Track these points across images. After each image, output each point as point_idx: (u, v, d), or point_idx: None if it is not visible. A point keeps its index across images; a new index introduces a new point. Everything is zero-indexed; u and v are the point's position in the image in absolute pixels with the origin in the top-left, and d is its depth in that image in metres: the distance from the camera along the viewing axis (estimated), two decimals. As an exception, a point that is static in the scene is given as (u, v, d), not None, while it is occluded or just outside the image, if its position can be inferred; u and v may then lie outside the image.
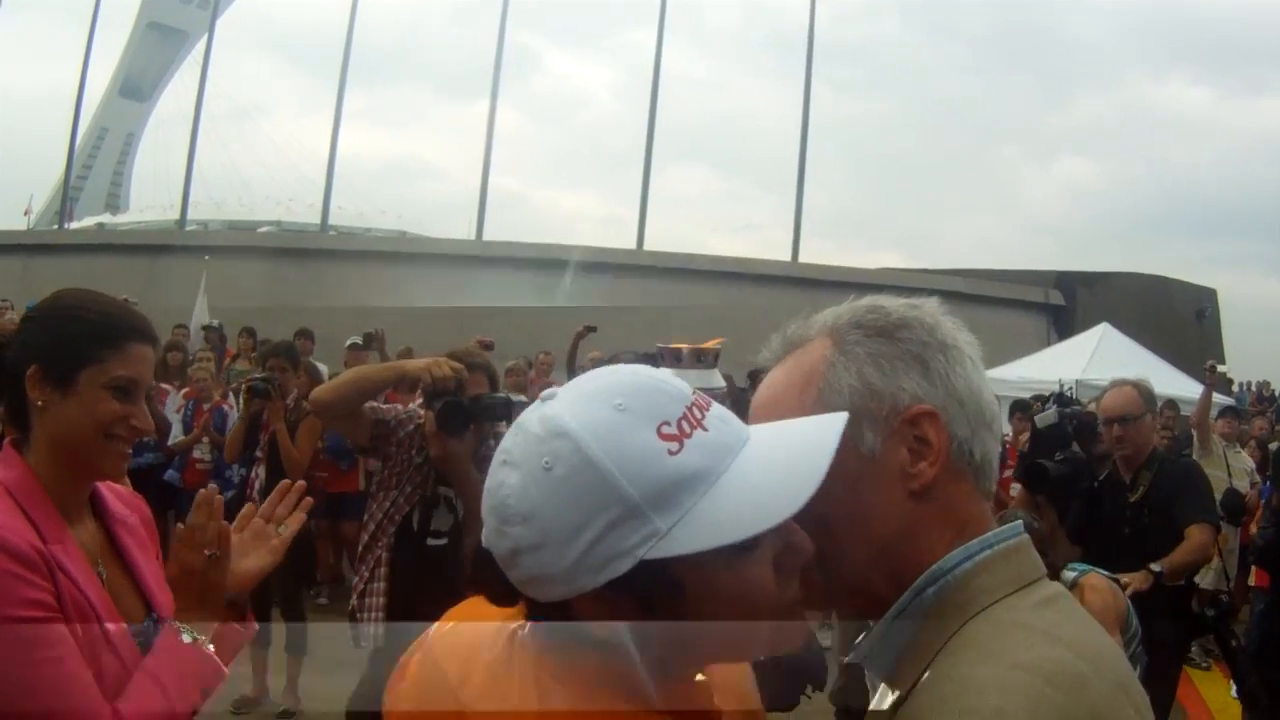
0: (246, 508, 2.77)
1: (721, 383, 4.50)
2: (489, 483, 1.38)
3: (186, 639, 2.41)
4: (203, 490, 2.59)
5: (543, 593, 1.36)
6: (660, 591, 1.35)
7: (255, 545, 2.68)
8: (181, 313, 18.03)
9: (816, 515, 1.39)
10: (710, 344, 4.99)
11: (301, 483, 2.83)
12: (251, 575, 2.64)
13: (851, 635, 5.39)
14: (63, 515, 2.44)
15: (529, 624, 1.45)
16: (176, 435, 10.89)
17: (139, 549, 2.63)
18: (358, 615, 4.89)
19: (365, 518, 4.98)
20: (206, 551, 2.45)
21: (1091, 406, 7.38)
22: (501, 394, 4.97)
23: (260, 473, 7.68)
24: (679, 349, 3.66)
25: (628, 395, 1.38)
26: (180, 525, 2.53)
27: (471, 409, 4.59)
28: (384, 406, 5.02)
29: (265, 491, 6.91)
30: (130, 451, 2.60)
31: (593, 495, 1.32)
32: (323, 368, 11.34)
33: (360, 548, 4.96)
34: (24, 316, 2.79)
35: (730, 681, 1.73)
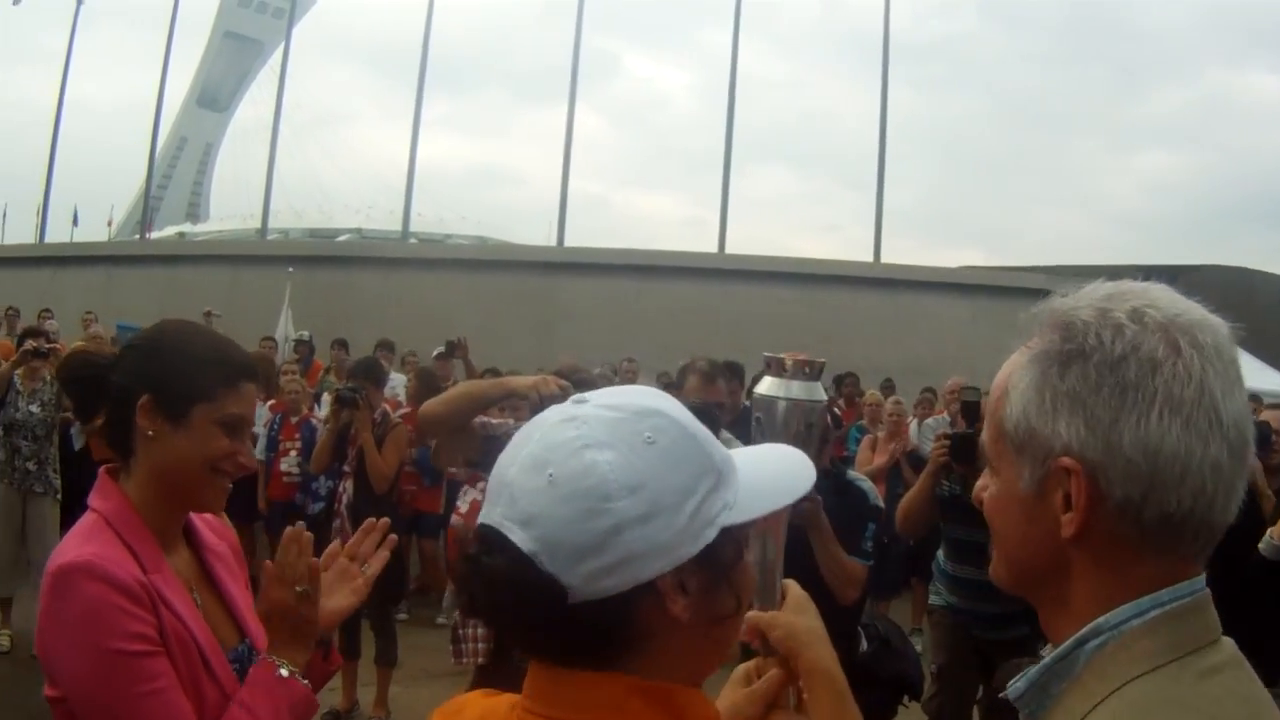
0: (333, 545, 2.75)
1: (823, 396, 4.39)
2: (569, 469, 1.38)
3: (283, 672, 2.42)
4: (290, 528, 2.56)
5: (634, 573, 1.37)
6: (728, 560, 1.45)
7: (340, 585, 2.68)
8: (264, 323, 18.02)
9: (993, 530, 1.50)
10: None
11: (386, 520, 2.81)
12: (335, 615, 2.63)
13: (943, 644, 5.15)
14: (160, 544, 2.47)
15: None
16: (261, 449, 10.79)
17: (230, 576, 2.69)
18: (460, 631, 4.82)
19: (471, 535, 4.88)
20: (298, 588, 2.46)
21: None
22: None
23: (348, 487, 7.61)
24: (783, 359, 3.49)
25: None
26: (269, 563, 2.53)
27: None
28: (494, 421, 4.91)
29: (353, 506, 6.80)
30: (230, 486, 2.62)
31: (695, 462, 1.44)
32: (398, 377, 11.24)
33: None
34: (130, 342, 2.73)
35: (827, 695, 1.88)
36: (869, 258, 29.60)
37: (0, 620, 9.43)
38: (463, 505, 6.53)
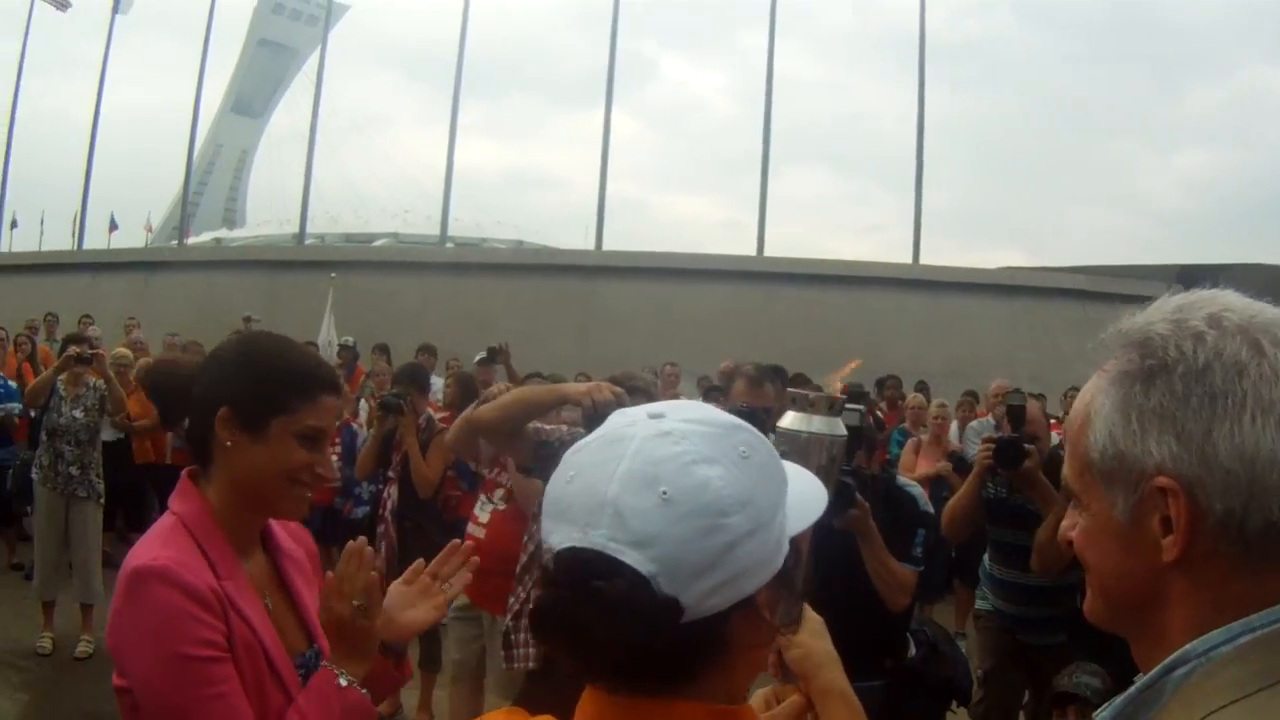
0: (417, 562, 2.78)
1: (843, 430, 4.38)
2: (683, 486, 1.36)
3: (341, 682, 2.46)
4: (352, 543, 2.59)
5: (739, 589, 1.37)
6: (791, 573, 1.47)
7: (421, 600, 2.72)
8: (304, 327, 18.01)
9: (1088, 566, 1.44)
10: (840, 385, 4.97)
11: (470, 544, 2.86)
12: (414, 628, 2.70)
13: (989, 648, 5.08)
14: (236, 549, 2.54)
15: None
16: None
17: (304, 582, 2.75)
18: (512, 635, 4.80)
19: (525, 538, 4.93)
20: (355, 602, 2.49)
21: None
22: None
23: (392, 492, 7.57)
24: (808, 394, 3.44)
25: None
26: (329, 574, 2.57)
27: None
28: (547, 427, 4.88)
29: (397, 511, 6.76)
30: (309, 495, 2.65)
31: (779, 477, 1.48)
32: (438, 381, 11.20)
33: (518, 568, 4.86)
34: (213, 353, 2.75)
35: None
36: (908, 259, 29.51)
37: (43, 623, 9.44)
38: (482, 515, 6.44)
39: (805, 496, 1.57)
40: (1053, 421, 7.91)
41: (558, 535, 1.40)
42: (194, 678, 2.28)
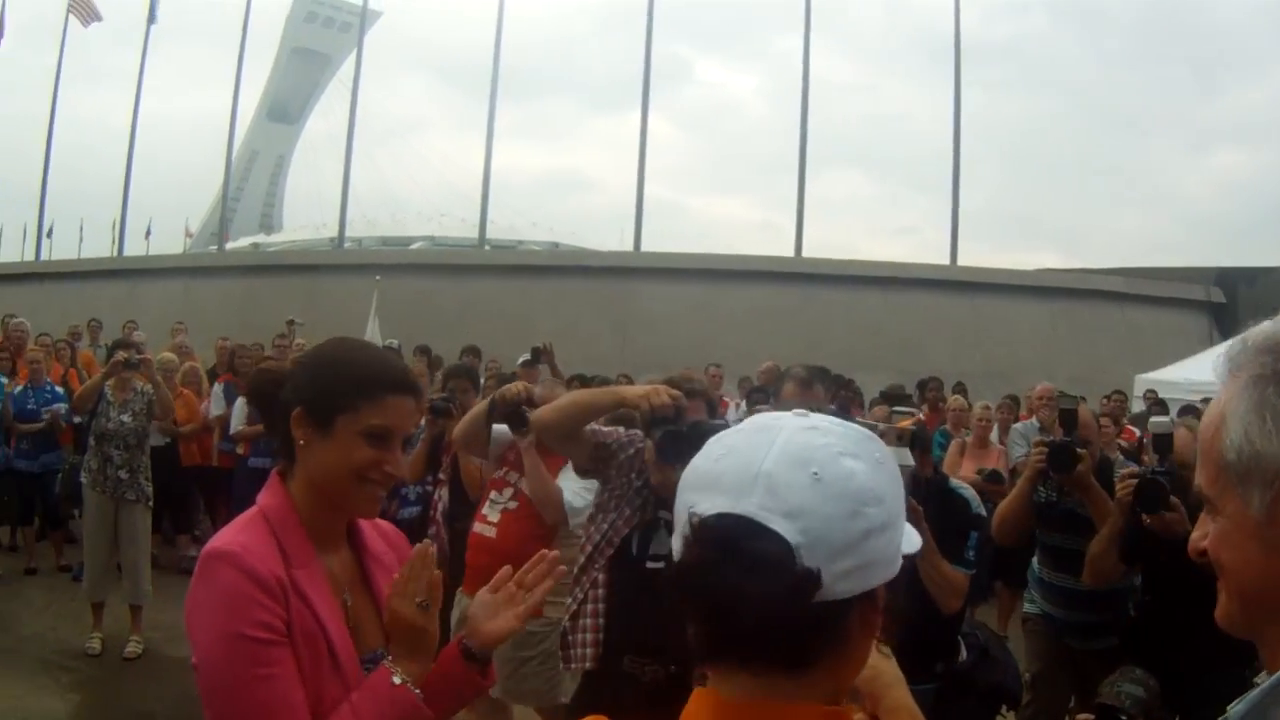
0: (504, 569, 2.81)
1: (911, 460, 4.39)
2: (833, 472, 1.45)
3: (395, 680, 2.51)
4: (419, 545, 2.72)
5: (866, 579, 1.45)
6: (897, 588, 1.53)
7: (506, 608, 2.74)
8: (343, 330, 18.04)
9: (1224, 570, 1.47)
10: (906, 423, 5.02)
11: (556, 553, 2.86)
12: (498, 636, 2.72)
13: (1038, 652, 5.07)
14: (315, 544, 2.61)
15: None
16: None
17: (389, 582, 2.71)
18: (569, 637, 4.81)
19: (583, 540, 4.93)
20: (417, 600, 2.57)
21: None
22: (720, 420, 4.79)
23: (443, 494, 7.57)
24: (877, 425, 3.46)
25: None
26: (394, 576, 2.68)
27: (691, 437, 4.40)
28: (605, 429, 4.90)
29: (449, 514, 6.77)
30: (384, 494, 2.74)
31: (901, 491, 1.55)
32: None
33: (576, 570, 4.87)
34: (299, 358, 2.90)
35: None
36: (942, 260, 29.45)
37: (92, 624, 9.50)
38: (491, 514, 6.43)
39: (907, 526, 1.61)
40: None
41: (705, 504, 1.45)
42: (247, 657, 2.36)
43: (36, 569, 12.02)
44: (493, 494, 6.44)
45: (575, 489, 6.03)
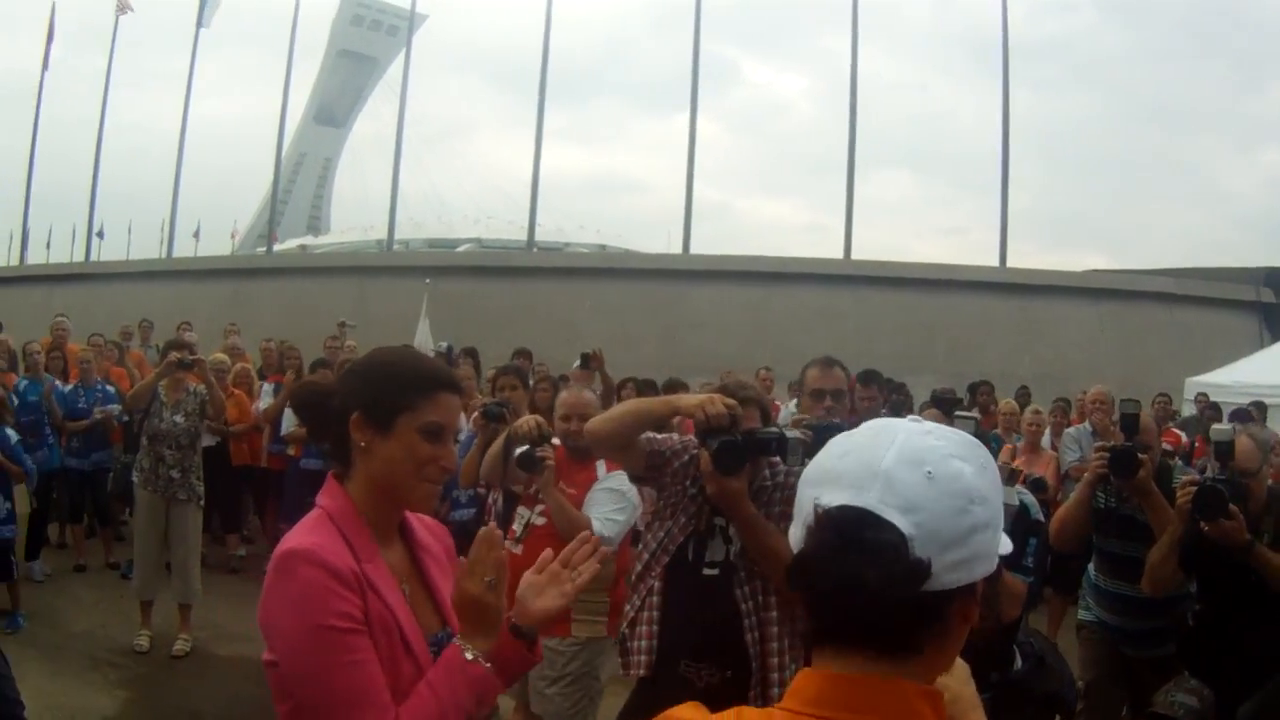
0: (547, 551, 2.94)
1: (1015, 500, 4.36)
2: (945, 471, 1.58)
3: (468, 655, 2.66)
4: (484, 529, 2.82)
5: (969, 572, 1.58)
6: (995, 581, 1.60)
7: (550, 587, 2.87)
8: (392, 331, 18.08)
9: None
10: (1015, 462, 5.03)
11: (598, 536, 3.05)
12: (544, 613, 2.84)
13: (1092, 660, 5.00)
14: (376, 539, 2.77)
15: None
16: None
17: (439, 571, 2.96)
18: (627, 642, 4.79)
19: (639, 547, 4.92)
20: (486, 579, 2.70)
21: None
22: (774, 428, 4.72)
23: (497, 497, 7.54)
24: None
25: None
26: (462, 559, 2.80)
27: (747, 446, 4.38)
28: (659, 437, 4.88)
29: (502, 515, 6.73)
30: (440, 489, 2.92)
31: (1001, 493, 1.68)
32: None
33: (632, 577, 4.84)
34: (347, 369, 3.09)
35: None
36: (990, 261, 29.32)
37: (141, 621, 9.50)
38: (517, 528, 6.35)
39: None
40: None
41: (828, 496, 1.58)
42: (333, 646, 2.52)
43: (86, 566, 12.04)
44: (520, 510, 6.38)
45: (604, 515, 5.99)
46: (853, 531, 1.53)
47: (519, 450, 6.11)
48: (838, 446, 1.67)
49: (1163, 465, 6.24)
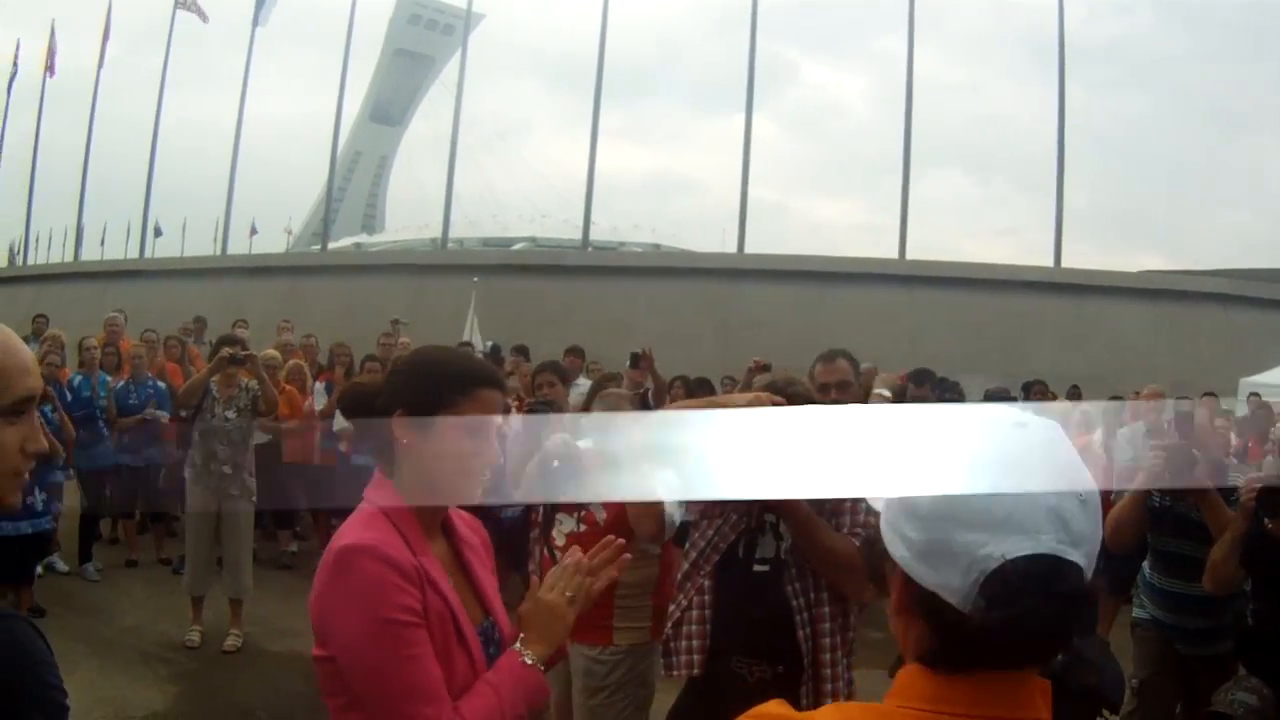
0: (573, 549, 3.01)
1: None
2: (1091, 491, 1.52)
3: (529, 661, 2.77)
4: (569, 550, 2.97)
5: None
6: None
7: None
8: (447, 329, 18.12)
9: None
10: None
11: (622, 541, 3.03)
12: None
13: (1146, 658, 4.93)
14: (425, 533, 2.83)
15: None
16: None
17: (480, 564, 3.05)
18: (672, 643, 4.76)
19: (686, 545, 4.88)
20: (568, 594, 2.83)
21: None
22: None
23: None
24: None
25: None
26: (535, 578, 2.98)
27: None
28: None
29: (549, 516, 6.69)
30: (486, 482, 2.95)
31: None
32: (586, 383, 11.11)
33: (680, 576, 4.81)
34: (391, 369, 3.14)
35: None
36: (1044, 261, 29.19)
37: (192, 617, 9.55)
38: (558, 538, 6.27)
39: None
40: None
41: (999, 545, 1.46)
42: (395, 639, 2.58)
43: (137, 561, 12.16)
44: (560, 517, 6.31)
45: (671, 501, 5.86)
46: (1045, 584, 1.45)
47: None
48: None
49: (1217, 465, 6.17)
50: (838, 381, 5.98)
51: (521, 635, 2.84)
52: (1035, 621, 1.43)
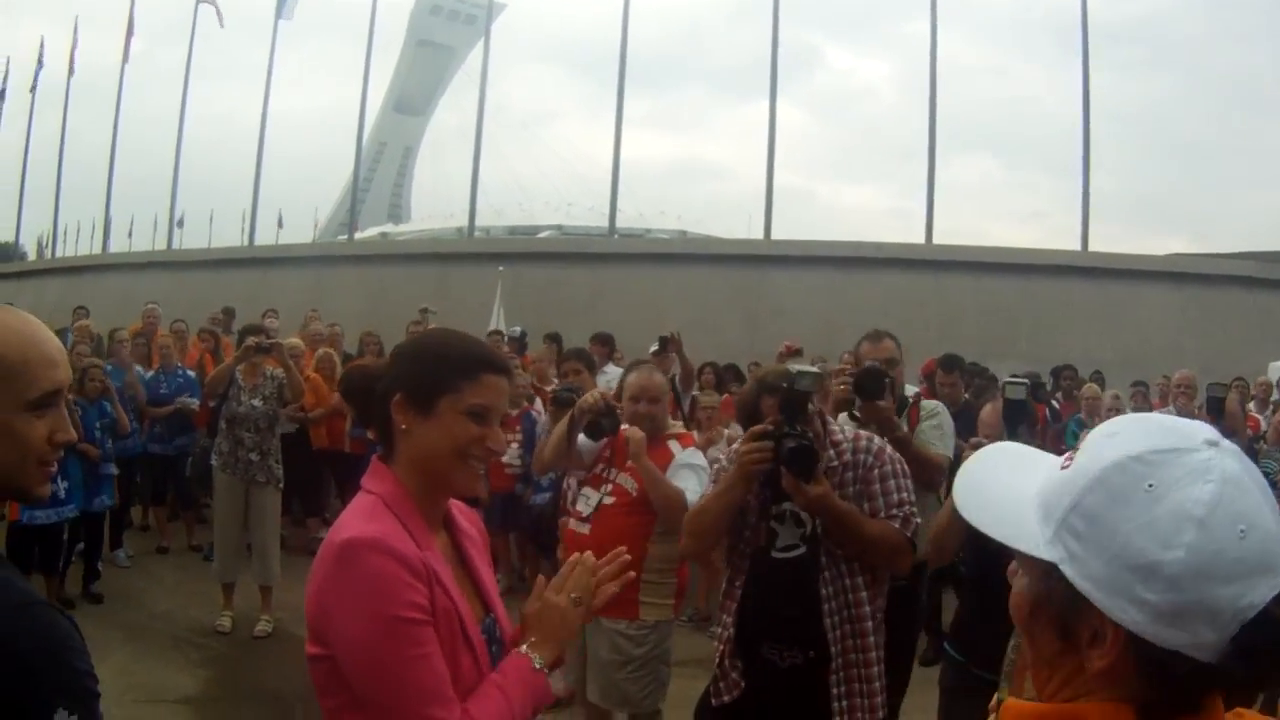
0: (588, 555, 2.98)
1: None
2: None
3: (536, 665, 2.73)
4: (582, 554, 2.93)
5: None
6: None
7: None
8: (475, 318, 18.12)
9: None
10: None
11: (628, 557, 3.01)
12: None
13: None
14: (429, 527, 2.79)
15: None
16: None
17: (479, 558, 2.99)
18: (717, 669, 4.79)
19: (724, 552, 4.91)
20: (573, 594, 2.82)
21: None
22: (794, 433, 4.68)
23: (572, 483, 7.52)
24: None
25: None
26: (541, 577, 2.97)
27: (816, 453, 4.43)
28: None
29: (576, 501, 6.71)
30: (483, 470, 2.94)
31: None
32: (615, 370, 11.12)
33: (720, 595, 4.88)
34: (393, 352, 3.08)
35: None
36: (1074, 245, 28.98)
37: (223, 603, 9.65)
38: (585, 510, 6.24)
39: None
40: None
41: (1260, 590, 1.39)
42: (403, 638, 2.50)
43: (168, 548, 12.27)
44: (586, 490, 6.29)
45: (696, 487, 5.81)
46: None
47: (596, 420, 6.09)
48: (1232, 523, 1.40)
49: (1250, 450, 6.15)
50: (886, 359, 6.06)
51: (530, 639, 2.79)
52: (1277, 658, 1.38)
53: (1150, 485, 1.42)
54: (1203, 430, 1.46)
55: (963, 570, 5.52)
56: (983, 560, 5.18)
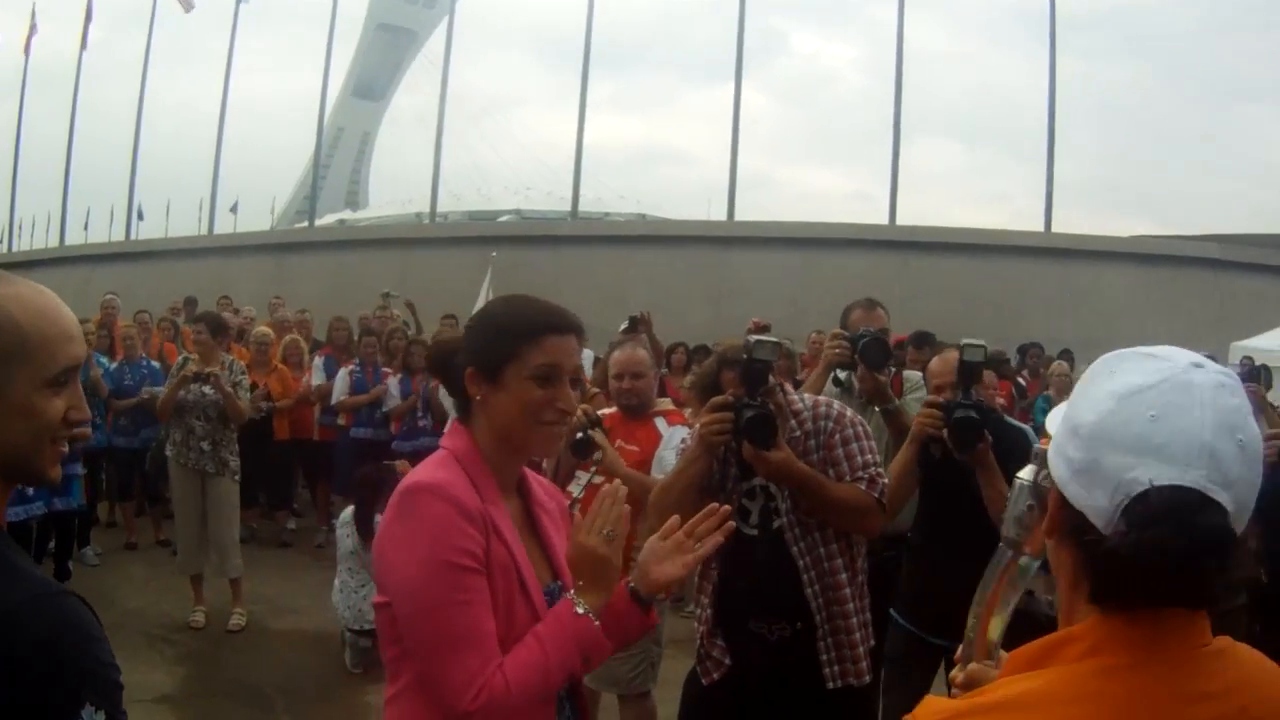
0: (673, 519, 2.99)
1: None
2: (1251, 434, 1.51)
3: (579, 610, 2.71)
4: (608, 485, 2.88)
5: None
6: None
7: (673, 555, 2.92)
8: (437, 303, 18.04)
9: None
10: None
11: (727, 507, 3.01)
12: (664, 580, 2.89)
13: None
14: (499, 484, 2.84)
15: None
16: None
17: (553, 527, 3.03)
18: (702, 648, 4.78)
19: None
20: (605, 530, 2.76)
21: None
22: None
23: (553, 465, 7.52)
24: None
25: None
26: (576, 513, 3.03)
27: (772, 420, 4.43)
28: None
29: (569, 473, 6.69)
30: (563, 430, 2.98)
31: None
32: (588, 354, 11.08)
33: (696, 575, 4.84)
34: (466, 325, 3.15)
35: None
36: (1035, 228, 29.23)
37: (194, 598, 9.53)
38: (575, 489, 6.24)
39: None
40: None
41: (1151, 471, 1.48)
42: (448, 583, 2.56)
43: (136, 544, 12.13)
44: (578, 473, 6.29)
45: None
46: (1189, 515, 1.45)
47: (577, 437, 6.06)
48: (1141, 405, 1.54)
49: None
50: (880, 329, 6.13)
51: (574, 584, 2.80)
52: (1171, 552, 1.43)
53: (1112, 371, 1.60)
54: (1194, 357, 1.57)
55: (910, 535, 5.66)
56: (936, 523, 5.47)
